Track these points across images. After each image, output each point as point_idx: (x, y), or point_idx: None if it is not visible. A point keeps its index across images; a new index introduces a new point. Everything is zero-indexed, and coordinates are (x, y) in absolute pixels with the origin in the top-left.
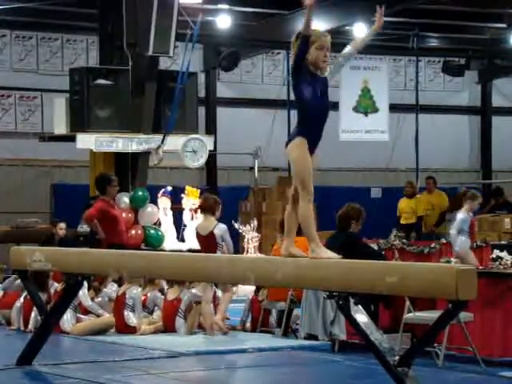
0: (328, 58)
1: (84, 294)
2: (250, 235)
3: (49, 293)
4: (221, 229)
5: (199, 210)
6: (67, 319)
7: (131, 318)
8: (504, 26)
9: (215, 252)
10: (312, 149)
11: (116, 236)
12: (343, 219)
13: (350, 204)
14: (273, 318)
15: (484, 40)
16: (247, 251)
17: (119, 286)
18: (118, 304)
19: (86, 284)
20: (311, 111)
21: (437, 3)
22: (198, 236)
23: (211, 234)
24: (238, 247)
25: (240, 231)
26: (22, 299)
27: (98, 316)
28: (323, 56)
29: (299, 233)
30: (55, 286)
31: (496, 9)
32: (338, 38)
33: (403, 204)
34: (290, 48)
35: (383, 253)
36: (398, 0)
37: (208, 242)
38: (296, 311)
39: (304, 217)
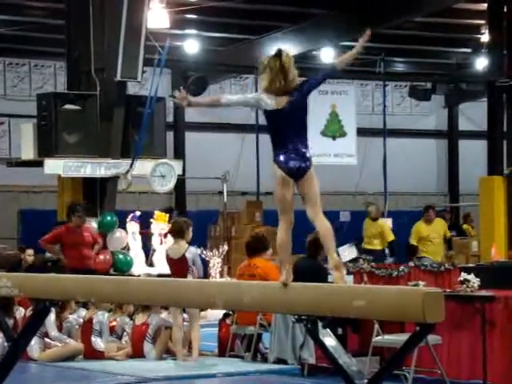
0: (279, 78)
1: (50, 324)
2: (215, 260)
3: (15, 319)
4: (192, 252)
5: (169, 235)
6: (34, 346)
7: (98, 344)
8: (469, 50)
9: (186, 275)
10: (294, 174)
11: (77, 261)
12: (313, 246)
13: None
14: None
15: (450, 65)
16: (211, 277)
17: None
18: (85, 329)
19: (53, 312)
20: (272, 135)
21: (403, 28)
22: (169, 259)
23: (183, 257)
24: (206, 272)
25: (203, 257)
26: None
27: (66, 343)
28: (273, 77)
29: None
30: (20, 312)
31: (461, 34)
32: (307, 63)
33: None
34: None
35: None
36: (364, 24)
37: (179, 265)
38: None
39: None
